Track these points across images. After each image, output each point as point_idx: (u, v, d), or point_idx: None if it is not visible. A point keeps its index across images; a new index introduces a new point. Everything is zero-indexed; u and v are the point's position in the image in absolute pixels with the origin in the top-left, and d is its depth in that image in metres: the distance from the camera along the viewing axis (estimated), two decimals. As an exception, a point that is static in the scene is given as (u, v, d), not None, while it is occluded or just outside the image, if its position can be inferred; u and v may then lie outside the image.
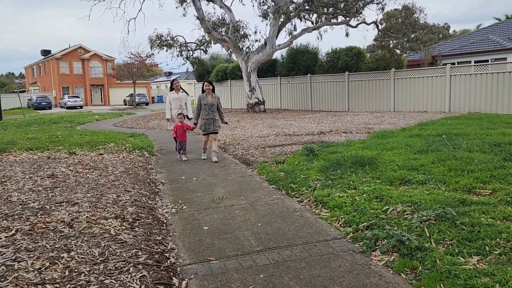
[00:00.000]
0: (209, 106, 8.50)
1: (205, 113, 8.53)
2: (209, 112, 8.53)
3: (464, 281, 2.96)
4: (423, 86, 17.35)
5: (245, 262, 3.62)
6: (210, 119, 8.56)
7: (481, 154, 6.56)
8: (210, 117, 8.54)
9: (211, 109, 8.53)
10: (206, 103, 8.50)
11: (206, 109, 8.51)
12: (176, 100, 9.82)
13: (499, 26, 27.98)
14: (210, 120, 8.57)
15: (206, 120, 8.56)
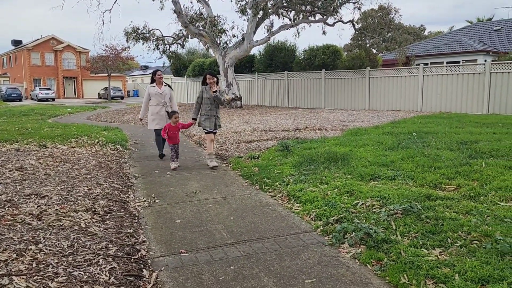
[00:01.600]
0: (210, 100, 7.33)
1: (206, 108, 7.39)
2: (211, 108, 7.37)
3: (426, 272, 3.08)
4: (397, 85, 17.72)
5: (216, 255, 3.66)
6: (212, 115, 7.40)
7: (448, 152, 6.79)
8: (212, 113, 7.39)
9: (213, 103, 7.36)
10: (209, 97, 7.31)
11: (208, 103, 7.35)
12: (158, 96, 8.21)
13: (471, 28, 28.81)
14: (212, 117, 7.41)
15: (207, 116, 7.39)
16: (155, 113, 8.17)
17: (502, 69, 14.68)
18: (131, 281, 3.10)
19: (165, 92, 8.26)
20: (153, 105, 8.19)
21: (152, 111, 8.21)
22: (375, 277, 3.17)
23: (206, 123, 7.41)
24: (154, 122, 8.21)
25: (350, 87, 19.60)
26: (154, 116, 8.19)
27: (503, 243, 3.36)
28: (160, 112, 8.19)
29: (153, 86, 8.25)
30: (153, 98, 8.20)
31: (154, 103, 8.19)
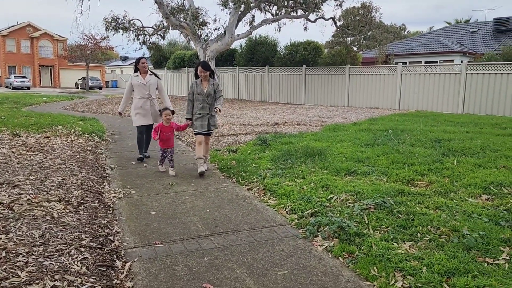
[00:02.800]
0: (203, 96, 6.21)
1: (198, 106, 6.27)
2: (203, 105, 6.24)
3: (395, 264, 3.17)
4: (376, 83, 17.96)
5: (190, 246, 3.66)
6: (205, 114, 6.28)
7: (422, 149, 6.94)
8: (204, 111, 6.27)
9: (206, 100, 6.23)
10: (200, 93, 6.21)
11: (200, 100, 6.24)
12: (141, 87, 7.08)
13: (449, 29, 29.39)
14: (205, 116, 6.29)
15: (199, 115, 6.27)
16: (139, 107, 7.09)
17: (477, 70, 15.05)
18: (103, 271, 3.08)
19: (150, 82, 7.13)
20: (136, 98, 7.15)
21: (135, 104, 7.14)
22: (346, 269, 3.24)
23: (198, 123, 6.30)
24: (137, 117, 7.15)
25: (330, 84, 19.76)
26: (137, 110, 7.11)
27: (469, 237, 3.47)
28: (144, 106, 7.10)
29: (136, 76, 7.14)
30: (136, 90, 7.13)
31: (137, 95, 7.13)
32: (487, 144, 7.16)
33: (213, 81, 6.31)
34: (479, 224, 3.74)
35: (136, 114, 7.16)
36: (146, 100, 7.14)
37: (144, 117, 7.16)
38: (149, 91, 7.13)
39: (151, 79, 7.19)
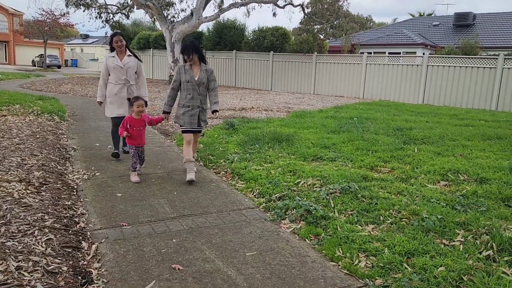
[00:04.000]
0: (193, 85, 5.01)
1: (187, 97, 5.03)
2: (193, 96, 5.02)
3: (359, 245, 3.29)
4: (342, 72, 18.25)
5: (158, 228, 3.65)
6: (195, 107, 5.07)
7: (385, 137, 7.18)
8: (194, 103, 5.05)
9: (197, 90, 5.03)
10: (190, 80, 4.98)
11: (189, 89, 5.01)
12: (118, 70, 5.88)
13: (413, 22, 30.18)
14: (195, 109, 5.08)
15: (187, 108, 5.06)
16: (113, 94, 5.95)
17: (437, 63, 15.59)
18: (69, 252, 3.02)
19: (129, 65, 5.94)
20: (111, 83, 5.96)
21: (110, 91, 5.97)
22: (312, 251, 3.33)
23: (186, 118, 5.07)
24: (112, 106, 5.99)
25: (297, 71, 19.90)
26: (112, 98, 5.97)
27: (428, 220, 3.65)
28: (120, 93, 5.95)
29: (112, 57, 5.93)
30: (112, 73, 5.95)
31: (113, 80, 5.95)
32: (445, 133, 7.49)
33: (206, 66, 5.12)
34: (437, 208, 3.94)
35: (111, 103, 5.99)
36: (122, 86, 5.95)
37: (119, 107, 5.97)
38: (126, 75, 5.93)
39: (130, 60, 5.98)
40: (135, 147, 5.09)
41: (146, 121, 5.19)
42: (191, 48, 4.96)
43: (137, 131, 5.11)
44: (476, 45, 20.48)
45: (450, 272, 2.88)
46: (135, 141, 5.12)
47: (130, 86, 6.01)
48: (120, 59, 5.92)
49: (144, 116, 5.19)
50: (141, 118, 5.14)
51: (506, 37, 23.60)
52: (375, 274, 2.92)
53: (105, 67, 6.00)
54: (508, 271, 2.91)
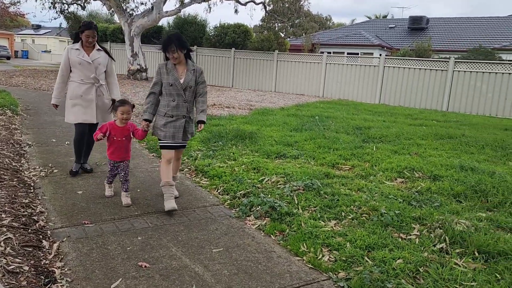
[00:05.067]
0: (178, 89, 3.96)
1: (170, 104, 3.99)
2: (178, 103, 4.00)
3: (322, 240, 3.40)
4: (303, 70, 18.53)
5: (122, 226, 3.60)
6: (180, 117, 4.02)
7: (345, 135, 7.39)
8: (179, 112, 4.01)
9: (182, 96, 3.99)
10: (174, 83, 3.95)
11: (173, 95, 3.97)
12: (84, 67, 4.80)
13: (370, 23, 31.09)
14: (180, 120, 4.03)
15: (170, 118, 4.00)
16: (78, 95, 4.82)
17: (393, 64, 16.18)
18: (30, 252, 2.93)
19: (99, 61, 4.87)
20: (74, 82, 4.85)
21: (73, 91, 4.84)
22: (278, 246, 3.41)
23: (168, 130, 3.99)
24: (76, 110, 4.86)
25: (259, 68, 20.00)
26: (76, 100, 4.83)
27: (386, 216, 3.82)
28: (86, 95, 4.84)
29: (76, 49, 4.80)
30: (76, 70, 4.81)
31: (77, 78, 4.83)
32: (401, 132, 7.82)
33: (194, 65, 4.09)
34: (394, 204, 4.13)
35: (74, 106, 4.85)
36: (90, 87, 4.85)
37: (85, 111, 4.86)
38: (95, 73, 4.85)
39: (100, 56, 4.89)
40: (114, 162, 4.16)
41: (130, 130, 4.19)
42: (175, 42, 3.86)
43: (120, 142, 4.12)
44: (429, 48, 21.44)
45: (407, 264, 3.04)
46: (117, 154, 4.13)
47: (100, 86, 4.95)
48: (87, 54, 4.83)
49: (130, 125, 4.20)
50: (126, 127, 4.16)
51: (456, 41, 24.83)
52: (338, 268, 3.04)
53: (65, 61, 4.81)
54: (459, 262, 3.11)
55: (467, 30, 26.21)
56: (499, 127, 9.76)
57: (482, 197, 4.45)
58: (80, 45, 4.83)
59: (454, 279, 2.86)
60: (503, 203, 4.29)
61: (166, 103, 4.02)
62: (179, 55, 3.92)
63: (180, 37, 3.93)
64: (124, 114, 4.11)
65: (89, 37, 4.77)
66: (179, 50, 3.90)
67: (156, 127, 4.07)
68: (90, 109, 4.90)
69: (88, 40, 4.78)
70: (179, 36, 3.93)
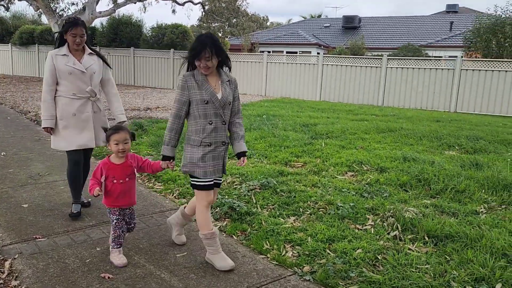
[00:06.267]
0: (216, 108, 2.96)
1: (206, 128, 2.96)
2: (216, 125, 2.98)
3: (284, 237, 3.48)
4: (244, 70, 18.66)
5: (78, 238, 3.44)
6: (219, 144, 3.02)
7: (294, 133, 7.57)
8: (218, 138, 3.00)
9: (221, 116, 2.99)
10: (210, 99, 2.94)
11: (210, 115, 2.95)
12: (77, 77, 3.78)
13: (306, 23, 31.96)
14: (219, 148, 3.04)
15: (208, 146, 2.98)
16: (70, 114, 3.80)
17: (331, 62, 16.77)
18: (-20, 273, 2.71)
19: (93, 68, 3.84)
20: (64, 97, 3.79)
21: (64, 109, 3.80)
22: (241, 246, 3.43)
23: (207, 163, 2.99)
24: (69, 133, 3.83)
25: (200, 69, 19.84)
26: (67, 120, 3.81)
27: (343, 209, 3.98)
28: (81, 112, 3.83)
29: (63, 55, 3.75)
30: (65, 83, 3.76)
31: (67, 92, 3.78)
32: (345, 128, 8.14)
33: (227, 75, 3.13)
34: (348, 197, 4.31)
35: (66, 129, 3.82)
36: (85, 102, 3.84)
37: (81, 134, 3.85)
38: (91, 84, 3.84)
39: (94, 62, 3.87)
40: (119, 210, 3.06)
41: (134, 166, 3.10)
42: (212, 47, 2.89)
43: (120, 184, 3.02)
44: (362, 46, 22.48)
45: (366, 253, 3.19)
46: (119, 200, 3.04)
47: (96, 101, 3.92)
48: (77, 59, 3.77)
49: (131, 158, 3.12)
50: (127, 163, 3.06)
51: (388, 39, 26.24)
52: (302, 262, 3.12)
53: (51, 71, 3.73)
54: (412, 247, 3.33)
55: (396, 29, 27.79)
56: (432, 119, 10.48)
57: (426, 185, 4.78)
58: (67, 50, 3.76)
59: (410, 264, 3.05)
60: (444, 190, 4.64)
61: (200, 128, 2.93)
62: (213, 64, 2.95)
63: (217, 40, 2.97)
64: (120, 144, 2.94)
65: (76, 36, 3.70)
66: (215, 58, 2.93)
67: (192, 163, 2.96)
68: (87, 130, 3.86)
69: (76, 41, 3.71)
70: (214, 38, 2.96)
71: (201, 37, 2.98)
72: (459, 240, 3.39)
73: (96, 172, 3.01)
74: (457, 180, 4.83)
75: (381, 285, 2.78)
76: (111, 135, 2.98)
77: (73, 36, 3.70)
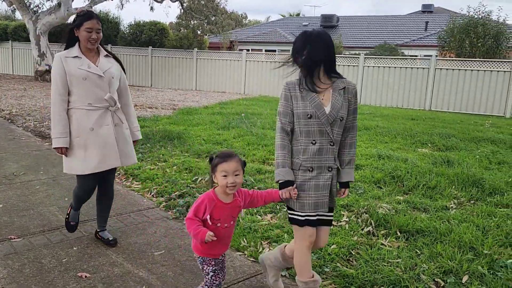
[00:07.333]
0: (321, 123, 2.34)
1: (307, 147, 2.36)
2: (320, 145, 2.36)
3: (261, 234, 3.54)
4: (223, 68, 18.65)
5: (54, 237, 3.42)
6: (324, 168, 2.40)
7: (272, 131, 7.64)
8: (323, 161, 2.39)
9: (328, 133, 2.37)
10: (314, 114, 2.34)
11: (314, 133, 2.36)
12: (94, 83, 3.07)
13: (285, 21, 32.11)
14: (325, 174, 2.40)
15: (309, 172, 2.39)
16: (86, 129, 3.09)
17: (310, 61, 16.94)
18: (-47, 275, 2.68)
19: (112, 73, 3.17)
20: (78, 108, 3.11)
21: (79, 124, 3.11)
22: (219, 244, 3.48)
23: (307, 193, 2.40)
24: (85, 153, 3.11)
25: (179, 67, 19.74)
26: (84, 137, 3.10)
27: (318, 205, 4.07)
28: (100, 126, 3.13)
29: (75, 57, 3.09)
30: (79, 91, 3.09)
31: (82, 102, 3.10)
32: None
33: (343, 81, 2.46)
34: (324, 194, 4.40)
35: (82, 148, 3.10)
36: (104, 113, 3.13)
37: (102, 153, 3.13)
38: (109, 91, 3.15)
39: (112, 65, 3.20)
40: (215, 260, 2.39)
41: (241, 204, 2.39)
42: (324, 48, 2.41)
43: (224, 229, 2.35)
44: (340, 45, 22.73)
45: (341, 249, 3.29)
46: (217, 248, 2.38)
47: (116, 111, 3.21)
48: (92, 62, 3.11)
49: (240, 193, 2.41)
50: (236, 202, 2.36)
51: (365, 38, 26.61)
52: (279, 258, 3.19)
53: (62, 77, 3.04)
54: (385, 242, 3.44)
55: (373, 28, 28.21)
56: (407, 117, 10.73)
57: (399, 182, 4.92)
58: (79, 51, 3.09)
59: (382, 258, 3.15)
60: (416, 186, 4.79)
61: (301, 148, 2.40)
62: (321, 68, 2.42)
63: (328, 40, 2.43)
64: (230, 176, 2.23)
65: (92, 31, 3.02)
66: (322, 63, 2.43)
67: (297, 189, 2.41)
68: (109, 148, 3.13)
69: (91, 37, 3.03)
70: (326, 36, 2.44)
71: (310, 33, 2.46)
72: (430, 235, 3.53)
73: (198, 209, 2.29)
74: (429, 176, 4.99)
75: (354, 279, 2.88)
76: (218, 164, 2.26)
77: (88, 32, 3.01)
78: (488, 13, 17.07)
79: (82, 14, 3.08)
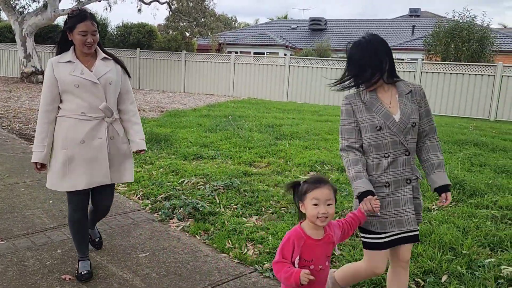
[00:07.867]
0: (392, 133, 2.18)
1: (380, 162, 2.21)
2: (394, 157, 2.20)
3: (246, 236, 3.58)
4: (212, 70, 18.66)
5: (38, 240, 3.41)
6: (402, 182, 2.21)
7: (259, 134, 7.69)
8: (398, 175, 2.20)
9: (402, 144, 2.21)
10: (383, 125, 2.19)
11: (384, 145, 2.20)
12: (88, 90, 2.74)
13: (273, 24, 32.25)
14: (403, 189, 2.21)
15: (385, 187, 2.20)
16: (77, 141, 2.76)
17: (298, 64, 17.05)
18: None
19: (109, 78, 2.82)
20: (70, 118, 2.77)
21: (68, 134, 2.76)
22: (204, 245, 3.50)
23: (387, 213, 2.20)
24: (74, 169, 2.77)
25: (167, 69, 19.70)
26: (73, 150, 2.76)
27: (303, 207, 4.12)
28: (92, 139, 2.79)
29: (68, 62, 2.76)
30: (72, 98, 2.77)
31: (74, 111, 2.77)
32: (310, 129, 8.34)
33: (408, 84, 2.31)
34: (309, 196, 4.45)
35: (69, 162, 2.77)
36: (98, 124, 2.81)
37: (91, 168, 2.81)
38: (105, 99, 2.81)
39: (109, 69, 2.86)
40: None
41: (334, 238, 2.03)
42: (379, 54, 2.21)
43: (318, 272, 1.95)
44: (328, 48, 22.92)
45: (324, 250, 3.33)
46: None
47: (113, 122, 2.88)
48: (87, 67, 2.79)
49: (331, 227, 2.06)
50: (328, 237, 2.00)
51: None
52: (263, 260, 3.23)
53: (52, 84, 2.75)
54: (368, 243, 3.49)
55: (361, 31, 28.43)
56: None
57: (383, 184, 4.99)
58: (73, 55, 2.79)
59: (364, 259, 3.20)
60: (399, 188, 4.86)
61: (373, 164, 2.23)
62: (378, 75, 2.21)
63: (386, 45, 2.26)
64: (321, 206, 1.91)
65: (87, 34, 2.70)
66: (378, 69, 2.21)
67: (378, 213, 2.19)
68: (99, 163, 2.81)
69: (86, 41, 2.70)
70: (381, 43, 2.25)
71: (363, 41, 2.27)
72: (411, 236, 3.59)
73: (285, 249, 1.93)
74: (412, 178, 5.07)
75: (336, 279, 2.92)
76: (309, 190, 1.93)
77: (82, 35, 2.68)
78: (473, 18, 17.36)
79: (74, 15, 2.71)
